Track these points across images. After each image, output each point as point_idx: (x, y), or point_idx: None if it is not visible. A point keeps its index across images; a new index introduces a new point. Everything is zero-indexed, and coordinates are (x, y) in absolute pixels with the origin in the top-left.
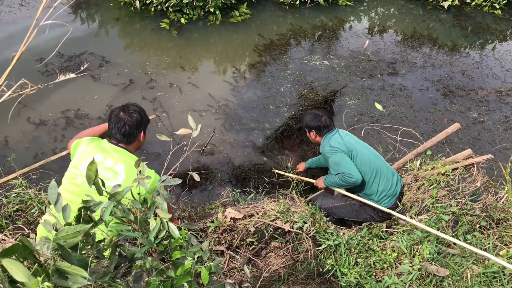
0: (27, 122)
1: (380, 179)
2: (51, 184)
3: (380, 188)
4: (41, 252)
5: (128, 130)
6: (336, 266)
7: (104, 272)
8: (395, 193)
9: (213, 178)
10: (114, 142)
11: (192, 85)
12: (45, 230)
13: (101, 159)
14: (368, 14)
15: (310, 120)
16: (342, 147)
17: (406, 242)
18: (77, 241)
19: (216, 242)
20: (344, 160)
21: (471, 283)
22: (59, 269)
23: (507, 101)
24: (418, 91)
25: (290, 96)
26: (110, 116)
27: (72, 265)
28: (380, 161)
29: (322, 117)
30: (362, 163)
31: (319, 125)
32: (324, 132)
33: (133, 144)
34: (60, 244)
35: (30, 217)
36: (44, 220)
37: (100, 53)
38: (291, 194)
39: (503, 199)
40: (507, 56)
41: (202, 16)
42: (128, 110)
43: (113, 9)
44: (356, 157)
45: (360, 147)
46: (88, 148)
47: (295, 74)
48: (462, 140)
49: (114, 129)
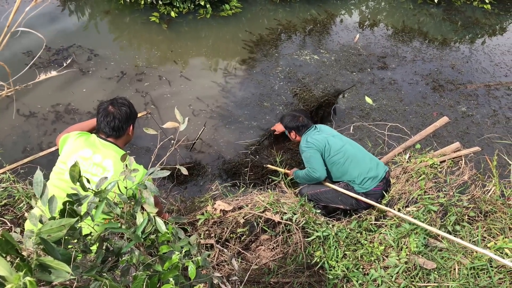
0: (15, 116)
1: (354, 163)
2: (36, 175)
3: (356, 172)
4: (24, 246)
5: (117, 124)
6: (325, 258)
7: (91, 266)
8: (376, 175)
9: (204, 173)
10: (102, 137)
11: (185, 78)
12: (31, 224)
13: (90, 155)
14: (358, 8)
15: (289, 121)
16: (316, 143)
17: (394, 235)
18: (61, 235)
19: (206, 235)
20: (314, 156)
21: (458, 276)
22: (42, 263)
23: (495, 95)
24: (408, 85)
25: (285, 95)
26: (99, 109)
27: (55, 260)
28: (355, 148)
29: (299, 117)
30: (335, 151)
31: (298, 125)
32: (302, 131)
33: (122, 139)
34: (43, 238)
35: (18, 212)
36: (30, 213)
37: (89, 46)
38: (280, 184)
39: (491, 192)
40: (496, 51)
41: (193, 10)
42: (117, 104)
43: (102, 2)
44: (330, 148)
45: (334, 138)
46: (76, 143)
47: (285, 70)
48: (451, 133)
49: (103, 123)
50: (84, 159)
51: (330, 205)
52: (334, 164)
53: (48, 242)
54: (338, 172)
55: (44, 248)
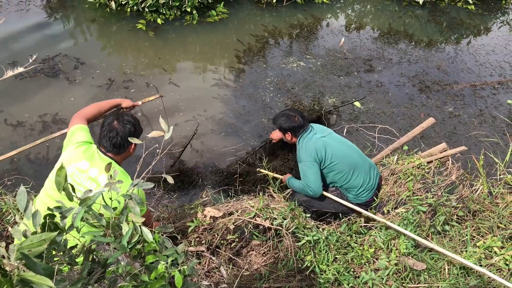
0: (3, 126)
1: (358, 173)
2: (20, 190)
3: (359, 182)
4: (6, 261)
5: (119, 141)
6: (315, 262)
7: (78, 279)
8: (373, 186)
9: (194, 180)
10: (102, 150)
11: (174, 84)
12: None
13: (86, 167)
14: (344, 11)
15: (284, 122)
16: (314, 153)
17: (384, 237)
18: (42, 249)
19: (197, 242)
20: (311, 171)
21: (448, 276)
22: (23, 279)
23: (481, 94)
24: (395, 87)
25: (277, 107)
26: (103, 123)
27: (37, 275)
28: (357, 155)
29: (295, 117)
30: (338, 160)
31: (294, 126)
32: (299, 132)
33: (122, 155)
34: (24, 253)
35: (6, 224)
36: (13, 228)
37: (75, 55)
38: (269, 190)
39: (479, 191)
40: (481, 51)
41: (179, 16)
42: (122, 120)
43: (88, 10)
44: (331, 157)
45: (336, 143)
46: (75, 153)
47: (274, 81)
48: (439, 134)
49: (105, 138)
50: (80, 172)
51: (321, 210)
52: (334, 172)
53: (29, 257)
54: (337, 180)
55: (26, 263)
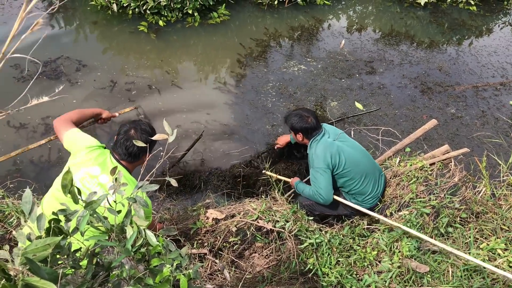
0: (5, 128)
1: (368, 181)
2: (25, 193)
3: (368, 190)
4: (11, 266)
5: (136, 151)
6: (318, 265)
7: (82, 282)
8: (380, 193)
9: (197, 183)
10: (116, 157)
11: (176, 86)
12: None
13: (97, 173)
14: (346, 13)
15: (296, 122)
16: (328, 159)
17: (386, 239)
18: (47, 254)
19: (199, 244)
20: (323, 178)
21: (452, 278)
22: (28, 283)
23: (483, 96)
24: (397, 89)
25: (280, 112)
26: (120, 130)
27: (41, 279)
28: (369, 162)
29: (308, 118)
30: (351, 167)
31: (306, 127)
32: (312, 135)
33: (135, 164)
34: (28, 258)
35: (8, 227)
36: (17, 231)
37: (77, 57)
38: (272, 193)
39: (482, 193)
40: (482, 52)
41: (181, 18)
42: (140, 130)
43: (90, 13)
44: (344, 163)
45: (349, 148)
46: (88, 157)
47: (276, 86)
48: (442, 136)
49: (122, 147)
50: (90, 177)
51: (323, 213)
52: (345, 178)
53: (33, 261)
54: (346, 186)
55: (30, 268)
